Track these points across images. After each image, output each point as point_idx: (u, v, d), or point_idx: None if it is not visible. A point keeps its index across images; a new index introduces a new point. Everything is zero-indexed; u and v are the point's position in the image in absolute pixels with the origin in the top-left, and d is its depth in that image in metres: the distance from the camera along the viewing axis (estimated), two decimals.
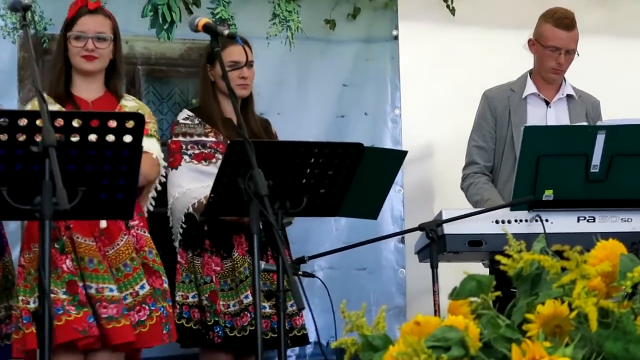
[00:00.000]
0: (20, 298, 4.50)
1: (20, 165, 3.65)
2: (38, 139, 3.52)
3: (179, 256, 5.08)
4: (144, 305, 4.58)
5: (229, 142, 4.80)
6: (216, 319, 4.97)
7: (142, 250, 4.66)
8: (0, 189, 3.64)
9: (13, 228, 4.88)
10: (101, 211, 3.94)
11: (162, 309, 4.65)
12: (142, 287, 4.58)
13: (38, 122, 3.55)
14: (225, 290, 5.03)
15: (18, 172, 3.65)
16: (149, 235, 4.74)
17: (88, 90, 4.72)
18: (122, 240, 4.59)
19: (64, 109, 4.54)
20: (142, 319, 4.57)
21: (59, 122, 3.64)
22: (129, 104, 4.80)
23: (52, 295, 3.92)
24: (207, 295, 5.01)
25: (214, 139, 5.12)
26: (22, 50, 5.52)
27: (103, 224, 4.53)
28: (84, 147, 3.73)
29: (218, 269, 5.03)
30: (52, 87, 4.70)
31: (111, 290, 4.49)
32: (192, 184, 5.04)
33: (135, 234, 4.67)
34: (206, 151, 5.10)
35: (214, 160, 5.05)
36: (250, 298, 4.92)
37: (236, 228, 5.02)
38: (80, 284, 4.46)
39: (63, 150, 3.56)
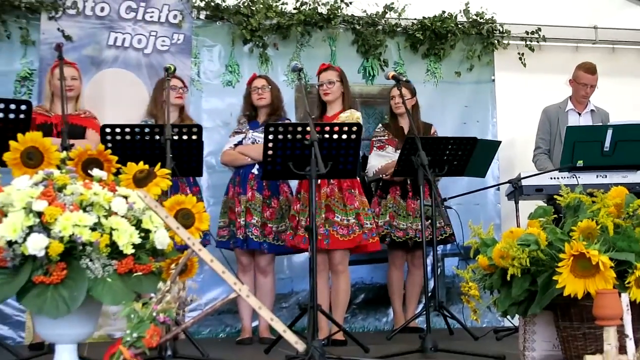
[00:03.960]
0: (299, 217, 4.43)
1: (299, 151, 3.72)
2: (308, 137, 3.59)
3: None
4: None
5: (399, 139, 4.92)
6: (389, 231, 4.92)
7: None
8: (288, 164, 3.73)
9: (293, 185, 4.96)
10: (340, 174, 3.94)
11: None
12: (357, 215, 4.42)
13: (307, 128, 3.62)
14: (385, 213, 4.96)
15: (297, 155, 3.72)
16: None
17: (331, 110, 4.69)
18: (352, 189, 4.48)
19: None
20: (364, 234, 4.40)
21: (317, 128, 3.70)
22: (344, 115, 4.56)
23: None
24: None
25: (385, 137, 5.07)
26: (296, 92, 5.64)
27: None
28: (330, 141, 3.78)
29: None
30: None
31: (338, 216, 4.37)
32: (374, 161, 5.05)
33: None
34: (381, 144, 5.06)
35: (385, 148, 5.03)
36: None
37: (393, 184, 4.98)
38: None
39: (320, 143, 3.62)
